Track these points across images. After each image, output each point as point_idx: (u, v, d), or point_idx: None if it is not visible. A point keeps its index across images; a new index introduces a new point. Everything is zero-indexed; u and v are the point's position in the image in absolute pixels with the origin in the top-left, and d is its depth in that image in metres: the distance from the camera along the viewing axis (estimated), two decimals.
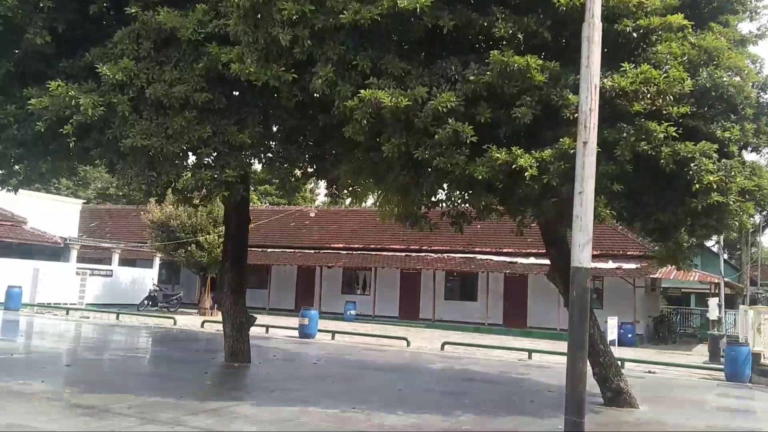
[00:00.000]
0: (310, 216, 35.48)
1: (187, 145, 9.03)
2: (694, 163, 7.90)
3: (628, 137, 7.87)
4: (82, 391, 9.07)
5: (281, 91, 8.71)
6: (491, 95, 7.92)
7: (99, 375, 11.50)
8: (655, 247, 15.00)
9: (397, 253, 30.02)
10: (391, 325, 26.89)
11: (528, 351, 17.55)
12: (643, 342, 25.66)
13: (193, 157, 9.58)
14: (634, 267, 25.24)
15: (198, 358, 14.73)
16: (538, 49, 8.09)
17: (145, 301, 28.94)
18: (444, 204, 10.09)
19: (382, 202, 11.02)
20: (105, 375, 11.61)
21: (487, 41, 8.49)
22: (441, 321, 28.12)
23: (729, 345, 15.98)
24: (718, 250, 30.30)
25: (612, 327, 15.07)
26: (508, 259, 27.49)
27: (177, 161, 9.33)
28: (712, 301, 23.52)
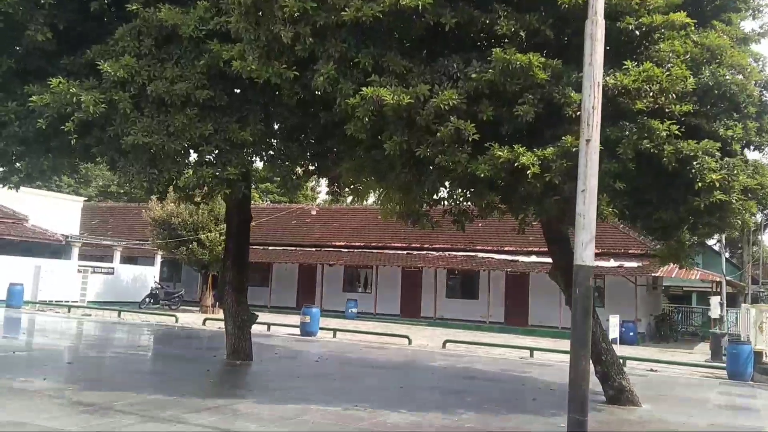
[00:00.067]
0: (312, 214, 35.48)
1: (189, 142, 9.01)
2: (696, 162, 7.89)
3: (630, 135, 7.85)
4: (84, 388, 9.08)
5: (283, 89, 8.70)
6: (493, 93, 7.90)
7: (100, 372, 11.51)
8: (656, 246, 14.99)
9: (399, 252, 30.02)
10: (393, 323, 26.89)
11: (530, 349, 17.55)
12: (645, 340, 25.67)
13: (194, 154, 9.58)
14: (636, 265, 25.24)
15: (199, 355, 14.74)
16: (540, 47, 8.08)
17: (147, 299, 28.98)
18: (446, 202, 10.08)
19: (383, 200, 11.01)
20: (106, 372, 11.61)
21: (489, 39, 8.48)
22: (442, 319, 28.11)
23: (731, 343, 15.94)
24: (719, 248, 30.26)
25: (613, 325, 15.02)
26: (509, 257, 27.50)
27: (178, 159, 9.30)
28: (714, 300, 23.49)
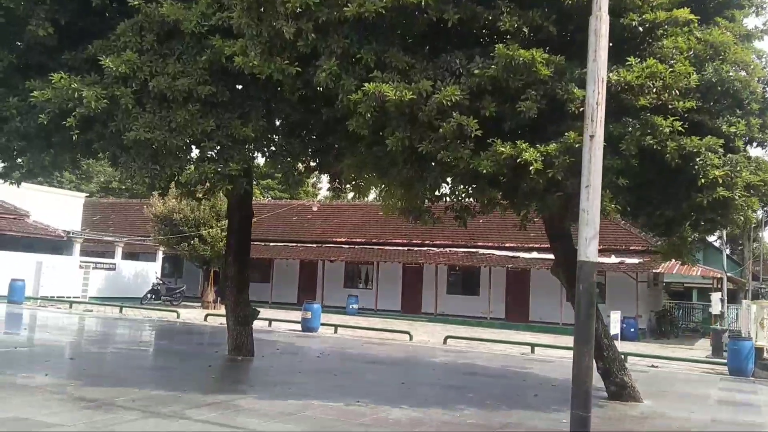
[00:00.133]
0: (313, 210, 35.49)
1: (191, 138, 9.00)
2: (699, 158, 7.89)
3: (633, 132, 7.84)
4: (86, 384, 9.07)
5: (285, 85, 8.67)
6: (496, 89, 7.88)
7: (102, 368, 11.52)
8: (657, 242, 14.99)
9: (400, 248, 30.04)
10: (394, 319, 26.88)
11: (531, 345, 17.55)
12: (646, 336, 25.67)
13: (196, 150, 9.57)
14: (637, 262, 25.26)
15: (201, 351, 14.75)
16: (543, 43, 8.05)
17: (149, 295, 29.02)
18: (448, 198, 10.05)
19: (385, 196, 10.98)
20: (108, 368, 11.62)
21: (492, 35, 8.45)
22: (443, 315, 28.15)
23: (732, 339, 15.96)
24: (720, 245, 30.28)
25: (614, 321, 15.02)
26: (510, 253, 27.52)
27: (180, 154, 9.28)
28: (715, 296, 23.51)
